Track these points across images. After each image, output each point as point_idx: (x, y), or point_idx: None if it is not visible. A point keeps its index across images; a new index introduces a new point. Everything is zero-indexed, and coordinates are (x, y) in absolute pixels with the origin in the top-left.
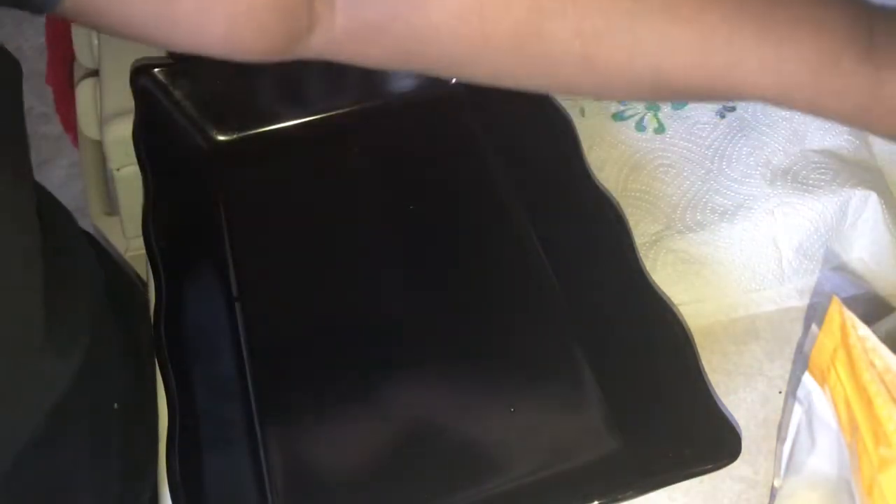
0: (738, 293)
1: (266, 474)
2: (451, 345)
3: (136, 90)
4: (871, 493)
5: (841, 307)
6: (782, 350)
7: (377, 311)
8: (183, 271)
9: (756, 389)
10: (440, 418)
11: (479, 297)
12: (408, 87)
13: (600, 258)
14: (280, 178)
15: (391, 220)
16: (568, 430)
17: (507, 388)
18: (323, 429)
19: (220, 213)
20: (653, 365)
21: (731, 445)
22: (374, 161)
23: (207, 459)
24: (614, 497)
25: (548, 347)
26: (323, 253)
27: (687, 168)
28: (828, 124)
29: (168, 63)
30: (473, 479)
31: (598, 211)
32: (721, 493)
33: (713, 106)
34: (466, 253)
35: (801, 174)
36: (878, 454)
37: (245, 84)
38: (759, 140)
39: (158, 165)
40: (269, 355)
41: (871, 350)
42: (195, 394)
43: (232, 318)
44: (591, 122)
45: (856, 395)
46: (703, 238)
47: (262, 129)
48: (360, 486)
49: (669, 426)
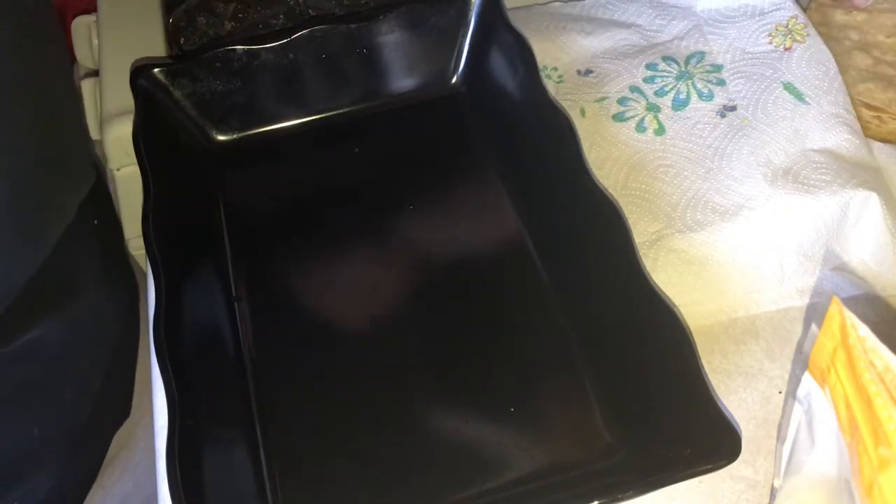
0: (738, 293)
1: (266, 474)
2: (451, 344)
3: (136, 90)
4: (870, 493)
5: (841, 307)
6: (782, 350)
7: (377, 311)
8: (183, 271)
9: (756, 389)
10: (440, 418)
11: (478, 297)
12: (408, 87)
13: (600, 258)
14: (280, 178)
15: (391, 219)
16: (567, 431)
17: (507, 389)
18: (323, 429)
19: (220, 213)
20: (653, 365)
21: (731, 445)
22: (374, 161)
23: (207, 459)
24: (614, 497)
25: (547, 347)
26: (323, 252)
27: (687, 168)
28: (828, 124)
29: (168, 63)
30: (473, 480)
31: (597, 210)
32: (721, 493)
33: (713, 106)
34: (466, 252)
35: (801, 174)
36: (878, 454)
37: (245, 84)
38: (759, 140)
39: (158, 165)
40: (269, 355)
41: (871, 350)
42: (195, 394)
43: (232, 318)
44: (592, 123)
45: (856, 395)
46: (703, 238)
47: (262, 129)
48: (359, 486)
49: (669, 426)
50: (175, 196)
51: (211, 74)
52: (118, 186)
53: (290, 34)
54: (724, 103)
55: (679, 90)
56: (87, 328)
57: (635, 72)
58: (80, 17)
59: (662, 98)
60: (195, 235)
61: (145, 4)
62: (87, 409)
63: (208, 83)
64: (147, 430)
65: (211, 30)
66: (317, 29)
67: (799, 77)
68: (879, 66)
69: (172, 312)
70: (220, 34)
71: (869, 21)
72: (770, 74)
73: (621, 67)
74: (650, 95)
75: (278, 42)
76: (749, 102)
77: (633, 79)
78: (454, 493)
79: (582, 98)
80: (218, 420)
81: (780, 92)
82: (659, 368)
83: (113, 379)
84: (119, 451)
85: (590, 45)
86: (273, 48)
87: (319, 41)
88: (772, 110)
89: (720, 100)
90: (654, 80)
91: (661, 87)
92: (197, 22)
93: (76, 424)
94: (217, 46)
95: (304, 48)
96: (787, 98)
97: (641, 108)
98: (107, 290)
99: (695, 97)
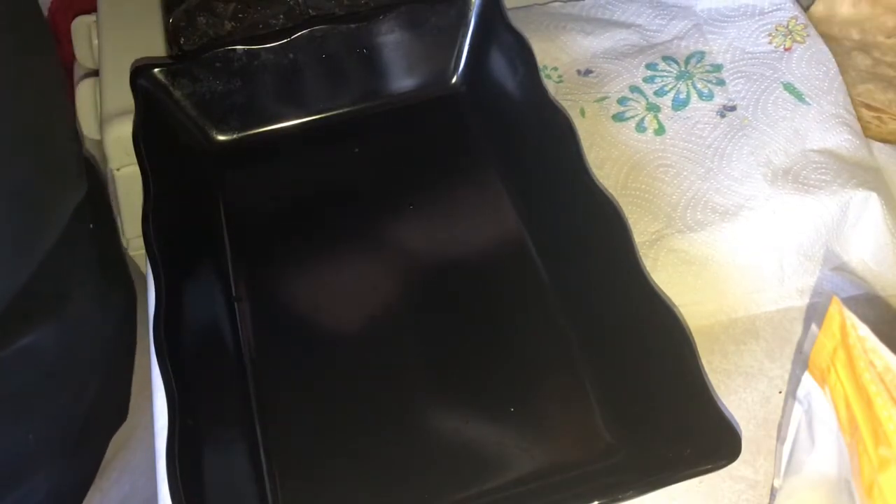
0: (738, 293)
1: (266, 474)
2: (451, 344)
3: (136, 90)
4: (870, 493)
5: (841, 307)
6: (782, 350)
7: (377, 311)
8: (183, 271)
9: (756, 389)
10: (440, 418)
11: (478, 297)
12: (408, 87)
13: (600, 258)
14: (280, 178)
15: (391, 219)
16: (567, 431)
17: (507, 389)
18: (323, 429)
19: (220, 213)
20: (653, 365)
21: (731, 445)
22: (374, 161)
23: (207, 459)
24: (614, 497)
25: (547, 347)
26: (323, 252)
27: (687, 168)
28: (828, 124)
29: (168, 63)
30: (473, 480)
31: (597, 210)
32: (721, 493)
33: (713, 106)
34: (465, 252)
35: (801, 174)
36: (878, 454)
37: (245, 84)
38: (759, 140)
39: (158, 165)
40: (269, 355)
41: (871, 350)
42: (195, 394)
43: (232, 318)
44: (592, 123)
45: (856, 395)
46: (703, 238)
47: (262, 129)
48: (359, 486)
49: (669, 426)
50: (175, 196)
51: (211, 74)
52: (118, 186)
53: (290, 34)
54: (724, 103)
55: (679, 90)
56: (82, 333)
57: (635, 72)
58: (80, 17)
59: (662, 98)
60: (195, 235)
61: (145, 4)
62: (84, 413)
63: (208, 83)
64: (146, 432)
65: (211, 30)
66: (317, 29)
67: (799, 77)
68: (879, 67)
69: (172, 312)
70: (220, 34)
71: (870, 21)
72: (770, 74)
73: (621, 67)
74: (650, 95)
75: (278, 42)
76: (749, 102)
77: (633, 79)
78: (454, 493)
79: (582, 98)
80: (218, 420)
81: (780, 92)
82: (659, 368)
83: (109, 383)
84: (116, 453)
85: (590, 45)
86: (273, 48)
87: (319, 41)
88: (772, 110)
89: (720, 100)
90: (654, 79)
91: (660, 87)
92: (197, 22)
93: (73, 428)
94: (217, 46)
95: (304, 48)
96: (787, 98)
97: (641, 108)
98: (102, 295)
99: (695, 97)
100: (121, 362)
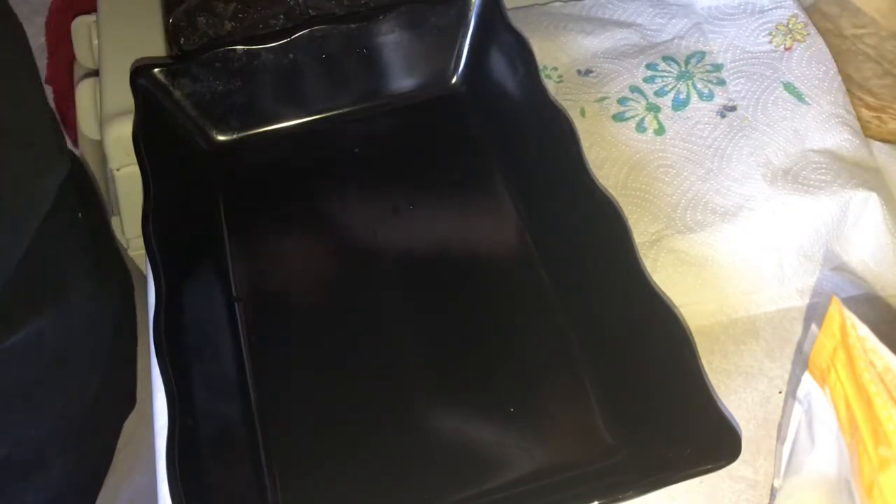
0: (738, 293)
1: (266, 474)
2: (451, 344)
3: (136, 90)
4: (870, 493)
5: (841, 307)
6: (782, 350)
7: (377, 311)
8: (183, 271)
9: (756, 389)
10: (440, 419)
11: (477, 297)
12: (408, 87)
13: (600, 257)
14: (280, 178)
15: (391, 219)
16: (567, 431)
17: (507, 389)
18: (323, 429)
19: (220, 213)
20: (653, 365)
21: (731, 445)
22: (374, 161)
23: (207, 459)
24: (614, 497)
25: (547, 347)
26: (323, 252)
27: (687, 168)
28: (828, 124)
29: (168, 63)
30: (473, 480)
31: (597, 210)
32: (721, 493)
33: (713, 106)
34: (465, 252)
35: (801, 174)
36: (878, 454)
37: (245, 84)
38: (759, 140)
39: (158, 165)
40: (269, 355)
41: (871, 350)
42: (195, 394)
43: (232, 318)
44: (592, 123)
45: (856, 395)
46: (703, 238)
47: (262, 129)
48: (359, 486)
49: (669, 426)
50: (175, 196)
51: (211, 74)
52: (118, 186)
53: (290, 34)
54: (724, 103)
55: (679, 90)
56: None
57: (635, 72)
58: (80, 17)
59: (662, 98)
60: (195, 235)
61: (145, 4)
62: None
63: (208, 83)
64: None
65: (211, 30)
66: (317, 29)
67: (799, 77)
68: (880, 67)
69: (172, 312)
70: (220, 34)
71: (870, 22)
72: (770, 74)
73: (621, 67)
74: (650, 95)
75: (278, 42)
76: (749, 102)
77: (633, 79)
78: (454, 493)
79: (582, 98)
80: (218, 420)
81: (780, 92)
82: (659, 368)
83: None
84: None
85: (590, 45)
86: (273, 48)
87: (319, 41)
88: (772, 110)
89: (720, 100)
90: (654, 79)
91: (661, 87)
92: (197, 22)
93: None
94: (217, 46)
95: (304, 48)
96: (787, 98)
97: (641, 108)
98: (99, 284)
99: (695, 97)
100: (122, 350)
